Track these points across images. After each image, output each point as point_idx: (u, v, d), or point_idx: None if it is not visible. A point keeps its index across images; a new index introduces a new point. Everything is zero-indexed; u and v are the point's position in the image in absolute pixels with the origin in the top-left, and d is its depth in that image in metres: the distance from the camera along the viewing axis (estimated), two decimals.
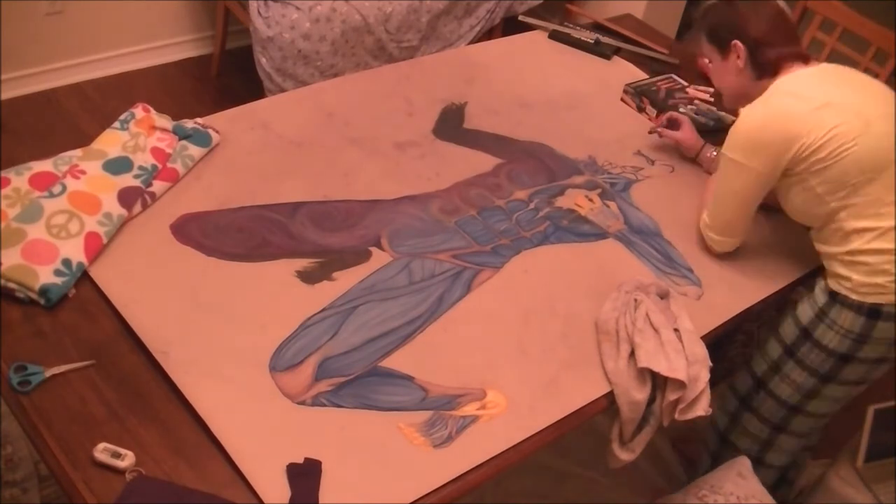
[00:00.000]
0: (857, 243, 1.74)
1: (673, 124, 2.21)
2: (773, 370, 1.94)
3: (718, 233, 1.89)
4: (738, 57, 1.84)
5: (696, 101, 2.39)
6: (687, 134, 2.18)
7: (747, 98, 1.83)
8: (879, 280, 1.73)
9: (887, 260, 1.72)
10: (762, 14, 1.83)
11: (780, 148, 1.72)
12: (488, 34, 3.65)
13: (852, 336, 1.79)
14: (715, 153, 2.14)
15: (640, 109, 2.38)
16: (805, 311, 1.87)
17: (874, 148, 1.70)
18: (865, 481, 2.10)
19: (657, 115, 2.33)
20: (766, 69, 1.82)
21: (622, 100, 2.43)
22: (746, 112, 1.79)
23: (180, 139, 1.89)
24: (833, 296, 1.80)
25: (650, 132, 2.23)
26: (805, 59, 1.82)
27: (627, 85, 2.42)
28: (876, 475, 2.12)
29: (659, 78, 2.49)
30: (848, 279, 1.77)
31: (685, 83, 2.48)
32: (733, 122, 2.28)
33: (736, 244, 1.91)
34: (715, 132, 2.26)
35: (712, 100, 2.41)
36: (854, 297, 1.76)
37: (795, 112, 1.73)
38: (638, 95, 2.38)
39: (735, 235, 1.89)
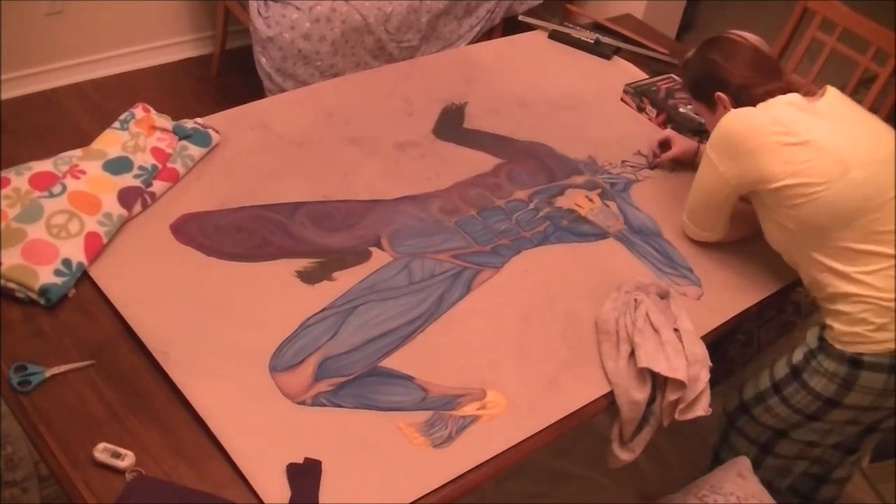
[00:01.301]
0: (830, 289, 1.72)
1: (664, 145, 2.19)
2: (757, 400, 1.94)
3: (689, 219, 1.90)
4: (725, 108, 1.81)
5: None
6: (681, 146, 2.16)
7: None
8: (858, 329, 1.71)
9: (864, 308, 1.70)
10: (739, 59, 1.80)
11: (746, 167, 1.71)
12: (488, 34, 3.65)
13: (837, 381, 1.76)
14: None
15: (640, 109, 2.38)
16: (797, 353, 1.85)
17: (848, 195, 1.65)
18: (870, 482, 2.10)
19: (657, 115, 2.33)
20: (756, 103, 1.76)
21: (622, 100, 2.43)
22: (733, 113, 1.75)
23: (180, 139, 1.89)
24: (821, 342, 1.79)
25: (651, 167, 2.17)
26: (801, 91, 1.77)
27: (627, 85, 2.42)
28: (881, 475, 2.12)
29: (659, 78, 2.49)
30: (831, 328, 1.76)
31: None
32: None
33: (710, 237, 1.90)
34: None
35: None
36: (837, 345, 1.75)
37: (770, 141, 1.69)
38: (638, 95, 2.38)
39: (706, 229, 1.88)
